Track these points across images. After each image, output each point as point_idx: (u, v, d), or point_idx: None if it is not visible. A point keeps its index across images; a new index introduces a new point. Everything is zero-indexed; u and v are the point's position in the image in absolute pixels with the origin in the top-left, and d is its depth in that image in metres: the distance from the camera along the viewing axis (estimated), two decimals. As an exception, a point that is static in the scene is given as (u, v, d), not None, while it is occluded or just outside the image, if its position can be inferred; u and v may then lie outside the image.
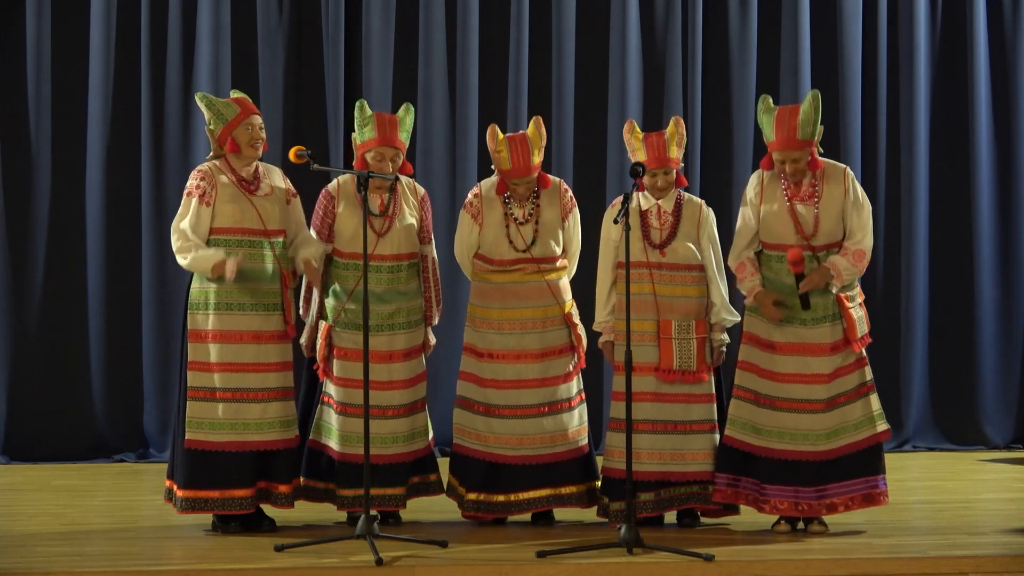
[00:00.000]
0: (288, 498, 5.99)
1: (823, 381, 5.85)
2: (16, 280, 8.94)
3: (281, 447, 5.96)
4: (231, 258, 5.79)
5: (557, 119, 9.37)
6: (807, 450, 5.84)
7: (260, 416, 5.91)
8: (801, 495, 5.85)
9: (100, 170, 8.99)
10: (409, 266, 6.19)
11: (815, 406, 5.84)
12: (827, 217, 5.87)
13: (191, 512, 5.89)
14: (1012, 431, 9.79)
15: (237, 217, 5.90)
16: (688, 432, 6.01)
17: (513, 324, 6.15)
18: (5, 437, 8.85)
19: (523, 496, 6.13)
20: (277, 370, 5.98)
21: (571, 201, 6.31)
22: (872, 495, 5.90)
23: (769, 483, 5.88)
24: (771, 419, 5.88)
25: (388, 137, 6.11)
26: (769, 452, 5.87)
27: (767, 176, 5.99)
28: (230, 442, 5.86)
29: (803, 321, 5.87)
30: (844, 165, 6.03)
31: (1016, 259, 9.85)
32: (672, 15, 9.52)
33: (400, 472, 6.13)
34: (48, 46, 8.97)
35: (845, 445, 5.87)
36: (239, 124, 5.94)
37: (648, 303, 6.02)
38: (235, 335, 5.90)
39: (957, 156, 9.83)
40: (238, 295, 5.90)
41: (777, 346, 5.90)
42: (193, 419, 5.87)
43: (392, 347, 6.12)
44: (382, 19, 9.24)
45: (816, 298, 5.86)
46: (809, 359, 5.85)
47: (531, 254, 6.16)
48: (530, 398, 6.12)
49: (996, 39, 9.87)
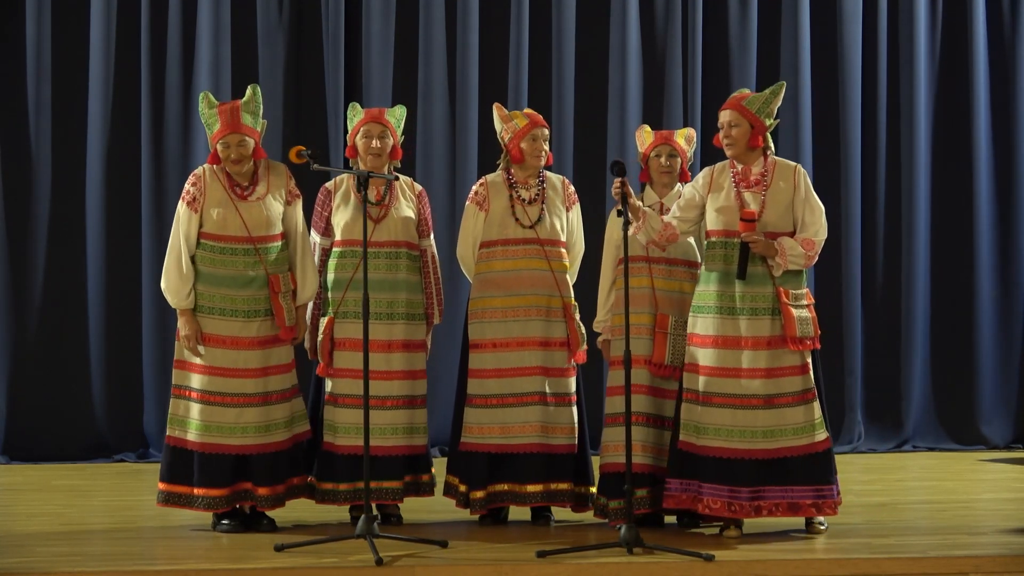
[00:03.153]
0: (268, 500, 5.98)
1: (760, 376, 5.76)
2: (16, 280, 8.94)
3: (255, 452, 5.96)
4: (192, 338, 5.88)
5: (557, 119, 9.37)
6: (743, 447, 5.76)
7: (235, 421, 5.93)
8: (737, 495, 5.75)
9: (100, 170, 8.99)
10: (408, 256, 6.20)
11: (752, 401, 5.77)
12: (773, 206, 5.81)
13: (168, 506, 5.98)
14: (1012, 431, 9.80)
15: (220, 224, 5.93)
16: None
17: (517, 311, 6.16)
18: (5, 437, 8.86)
19: (520, 489, 6.12)
20: (256, 376, 5.97)
21: (574, 195, 6.36)
22: (820, 504, 5.78)
23: (706, 482, 5.79)
24: (709, 416, 5.81)
25: (374, 115, 6.23)
26: (708, 451, 5.79)
27: (718, 167, 5.98)
28: (205, 443, 5.92)
29: (742, 311, 5.80)
30: (797, 164, 6.00)
31: (1016, 259, 9.86)
32: (672, 15, 9.52)
33: (397, 465, 6.13)
34: (48, 46, 8.97)
35: (783, 448, 5.75)
36: (218, 140, 5.97)
37: (646, 296, 6.03)
38: (213, 339, 5.94)
39: (957, 156, 9.83)
40: (219, 300, 5.93)
41: (715, 340, 5.81)
42: (174, 416, 5.98)
43: (391, 336, 6.13)
44: (382, 19, 9.25)
45: (756, 288, 5.76)
46: (745, 353, 5.77)
47: (537, 233, 6.17)
48: (532, 386, 6.12)
49: (996, 39, 9.88)
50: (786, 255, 5.75)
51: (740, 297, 5.77)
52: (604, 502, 6.04)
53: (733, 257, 5.79)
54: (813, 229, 5.83)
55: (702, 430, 5.79)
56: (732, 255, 5.79)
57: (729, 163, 5.93)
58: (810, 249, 5.79)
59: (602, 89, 9.50)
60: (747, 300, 5.77)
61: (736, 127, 5.85)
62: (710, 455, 5.77)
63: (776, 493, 5.77)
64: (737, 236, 5.77)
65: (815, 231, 5.83)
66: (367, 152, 6.18)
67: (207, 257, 5.94)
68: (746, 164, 5.88)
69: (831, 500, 5.80)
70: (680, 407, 5.88)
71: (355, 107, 6.33)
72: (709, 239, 5.90)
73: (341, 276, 6.16)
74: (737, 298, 5.77)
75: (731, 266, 5.79)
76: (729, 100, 5.92)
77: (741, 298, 5.77)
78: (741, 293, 5.77)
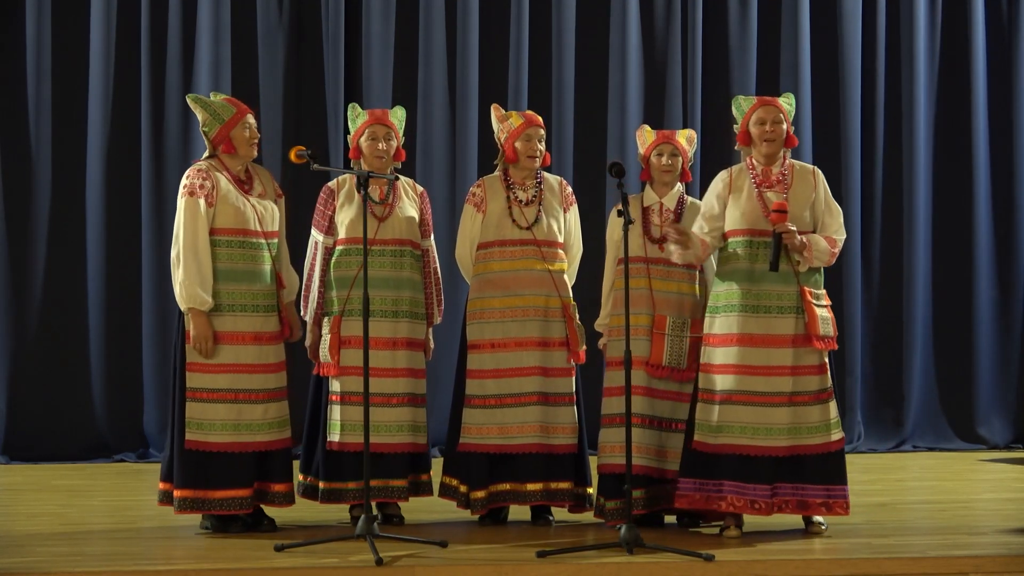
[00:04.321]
0: (285, 497, 5.99)
1: (787, 373, 5.80)
2: (16, 280, 8.95)
3: (278, 447, 5.97)
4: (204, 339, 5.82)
5: (557, 119, 9.37)
6: (765, 444, 5.77)
7: (262, 417, 5.92)
8: (759, 493, 5.76)
9: (100, 170, 9.00)
10: (412, 255, 6.21)
11: (777, 399, 5.78)
12: (795, 204, 5.86)
13: (190, 512, 5.88)
14: (1011, 431, 9.80)
15: (239, 218, 5.90)
16: (672, 431, 6.02)
17: (515, 311, 6.15)
18: (5, 437, 8.86)
19: (520, 488, 6.12)
20: (276, 370, 6.00)
21: (571, 196, 6.35)
22: (830, 504, 5.81)
23: (728, 480, 5.82)
24: (731, 414, 5.81)
25: (379, 116, 6.22)
26: (728, 448, 5.81)
27: (735, 170, 6.00)
28: (231, 443, 5.87)
29: (767, 309, 5.81)
30: (815, 166, 6.06)
31: (1015, 259, 9.86)
32: (672, 15, 9.52)
33: (402, 463, 6.14)
34: (48, 46, 8.98)
35: (799, 446, 5.78)
36: (237, 124, 5.95)
37: (644, 297, 6.04)
38: (236, 336, 5.90)
39: (956, 156, 9.83)
40: (240, 296, 5.91)
41: (739, 338, 5.83)
42: (192, 420, 5.86)
43: (396, 334, 6.14)
44: (382, 19, 9.25)
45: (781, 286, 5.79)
46: (772, 351, 5.80)
47: (534, 234, 6.17)
48: (530, 386, 6.11)
49: (995, 39, 9.88)
50: (812, 251, 5.79)
51: (766, 295, 5.80)
52: (602, 502, 6.05)
53: (758, 255, 5.81)
54: (833, 229, 5.90)
55: (721, 429, 5.80)
56: (757, 253, 5.82)
57: (746, 165, 5.96)
58: (833, 247, 5.87)
59: (602, 89, 9.50)
60: (773, 298, 5.81)
61: (778, 124, 5.93)
62: (732, 452, 5.78)
63: (787, 490, 5.79)
64: (762, 235, 5.80)
65: (835, 230, 5.90)
66: (373, 154, 6.17)
67: (224, 253, 5.89)
68: (769, 165, 5.93)
69: (842, 500, 5.82)
70: (695, 408, 5.88)
71: (355, 108, 6.32)
72: (730, 239, 5.91)
73: (346, 274, 6.15)
74: (762, 296, 5.80)
75: (756, 264, 5.81)
76: (765, 99, 5.99)
77: (767, 296, 5.80)
78: (767, 291, 5.80)
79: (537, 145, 6.21)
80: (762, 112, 5.95)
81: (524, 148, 6.19)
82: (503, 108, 6.41)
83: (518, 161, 6.22)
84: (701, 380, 5.89)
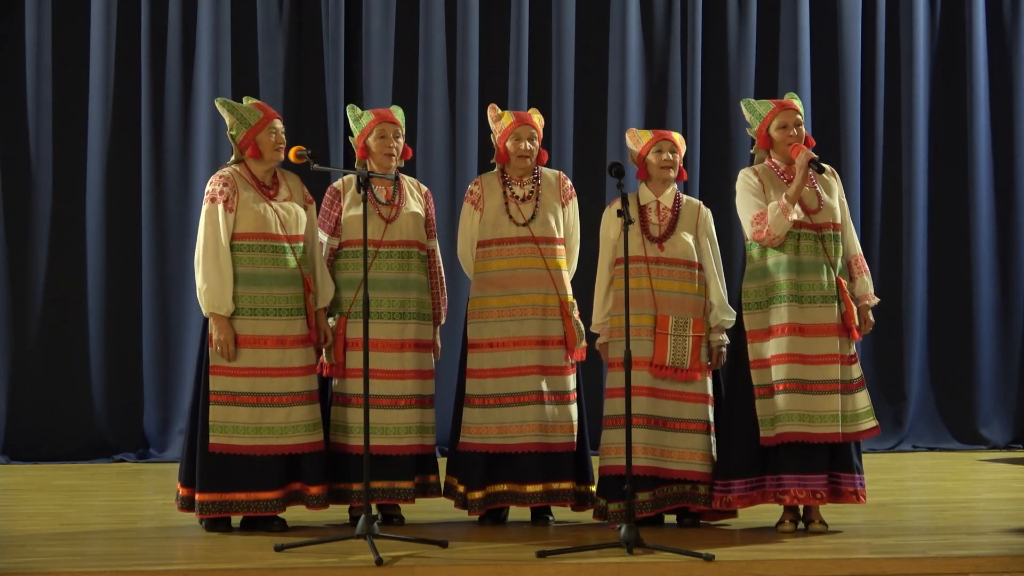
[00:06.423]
0: (320, 499, 5.99)
1: (835, 362, 5.89)
2: (16, 280, 8.95)
3: (307, 450, 5.96)
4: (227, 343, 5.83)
5: (557, 119, 9.38)
6: (823, 432, 5.83)
7: (285, 420, 5.91)
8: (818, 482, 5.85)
9: (100, 170, 9.00)
10: (419, 256, 6.22)
11: (831, 387, 5.87)
12: (827, 195, 6.00)
13: (216, 515, 5.88)
14: (1011, 431, 9.80)
15: (260, 223, 5.91)
16: (678, 431, 6.01)
17: (513, 311, 6.15)
18: (5, 437, 8.86)
19: (519, 489, 6.12)
20: (302, 374, 5.97)
21: (571, 190, 6.35)
22: (859, 492, 5.91)
23: (788, 473, 5.87)
24: (790, 403, 5.86)
25: (386, 115, 6.23)
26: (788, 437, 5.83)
27: (759, 169, 6.07)
28: (255, 446, 5.87)
29: (812, 299, 5.88)
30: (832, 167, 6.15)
31: (1014, 259, 9.87)
32: (672, 15, 9.53)
33: (408, 465, 6.13)
34: (48, 46, 8.98)
35: (850, 433, 5.89)
36: (263, 128, 5.97)
37: (646, 298, 6.03)
38: (259, 340, 5.90)
39: (956, 156, 9.84)
40: (261, 300, 5.91)
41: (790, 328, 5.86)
42: (216, 423, 5.86)
43: (403, 336, 6.13)
44: (382, 19, 9.25)
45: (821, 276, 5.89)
46: (820, 340, 5.89)
47: (531, 231, 6.17)
48: (529, 385, 6.11)
49: (995, 39, 9.89)
50: (869, 293, 6.06)
51: (808, 286, 5.90)
52: (603, 504, 6.04)
53: (800, 246, 5.91)
54: (852, 241, 6.07)
55: (778, 418, 5.86)
56: (800, 245, 5.91)
57: (767, 165, 6.07)
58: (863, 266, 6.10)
59: (602, 89, 9.51)
60: (816, 288, 5.91)
61: (799, 127, 6.08)
62: (792, 441, 5.84)
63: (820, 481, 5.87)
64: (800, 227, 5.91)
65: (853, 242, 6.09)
66: (383, 151, 6.17)
67: (245, 257, 5.90)
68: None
69: (864, 489, 5.94)
70: (754, 405, 5.91)
71: (355, 109, 6.32)
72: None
73: (352, 275, 6.15)
74: (804, 287, 5.90)
75: (802, 256, 5.91)
76: (784, 103, 6.11)
77: (809, 287, 5.90)
78: (809, 282, 5.91)
79: (527, 144, 6.20)
80: (784, 116, 6.07)
81: (514, 147, 6.20)
82: (502, 108, 6.40)
83: (509, 160, 6.23)
84: (755, 377, 5.93)
